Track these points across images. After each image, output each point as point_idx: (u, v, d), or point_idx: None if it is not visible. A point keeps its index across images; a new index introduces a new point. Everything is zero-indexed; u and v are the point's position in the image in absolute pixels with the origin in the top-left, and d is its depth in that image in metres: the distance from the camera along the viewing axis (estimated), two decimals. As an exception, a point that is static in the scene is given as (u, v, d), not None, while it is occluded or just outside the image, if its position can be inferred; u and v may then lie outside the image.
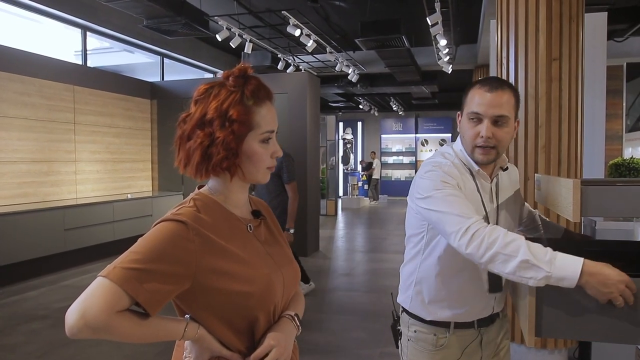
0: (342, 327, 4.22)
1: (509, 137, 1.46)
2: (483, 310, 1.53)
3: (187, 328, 1.02)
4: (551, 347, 3.02)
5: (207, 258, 1.01)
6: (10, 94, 5.95)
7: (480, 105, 1.43)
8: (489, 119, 1.43)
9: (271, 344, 1.06)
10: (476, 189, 1.50)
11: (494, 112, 1.42)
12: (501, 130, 1.44)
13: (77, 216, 6.31)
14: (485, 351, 1.59)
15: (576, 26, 2.96)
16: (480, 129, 1.44)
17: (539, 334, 1.24)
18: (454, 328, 1.52)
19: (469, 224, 1.28)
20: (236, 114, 1.04)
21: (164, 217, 1.02)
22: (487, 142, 1.43)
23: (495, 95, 1.42)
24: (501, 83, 1.46)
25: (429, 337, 1.54)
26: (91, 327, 0.88)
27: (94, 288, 0.91)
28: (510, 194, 1.62)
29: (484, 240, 1.24)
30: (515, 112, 1.47)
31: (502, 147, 1.47)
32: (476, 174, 1.51)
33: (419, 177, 1.51)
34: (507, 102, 1.43)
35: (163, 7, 5.72)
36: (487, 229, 1.26)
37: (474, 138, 1.46)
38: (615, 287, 1.14)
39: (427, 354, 1.54)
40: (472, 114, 1.45)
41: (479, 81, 1.49)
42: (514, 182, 1.67)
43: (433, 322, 1.54)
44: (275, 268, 1.13)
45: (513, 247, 1.20)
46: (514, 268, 1.20)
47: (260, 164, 1.10)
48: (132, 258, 0.94)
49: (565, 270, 1.16)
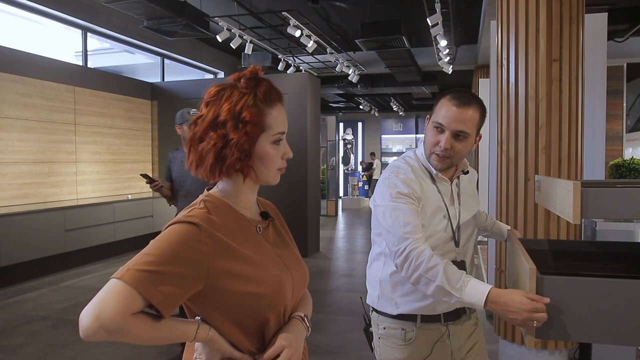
0: (342, 328, 4.22)
1: (466, 150, 1.57)
2: (449, 304, 1.55)
3: (199, 330, 1.02)
4: (552, 348, 3.02)
5: (219, 260, 1.01)
6: (11, 95, 5.96)
7: (445, 118, 1.52)
8: (450, 132, 1.52)
9: (283, 345, 1.07)
10: (437, 191, 1.60)
11: (456, 127, 1.51)
12: (460, 144, 1.54)
13: (77, 217, 6.31)
14: (455, 346, 1.64)
15: (576, 27, 2.96)
16: (440, 139, 1.54)
17: (539, 335, 1.24)
18: (421, 322, 1.59)
19: (405, 245, 1.41)
20: (249, 115, 1.05)
21: (175, 219, 1.02)
22: (444, 153, 1.54)
23: (460, 111, 1.51)
24: (469, 100, 1.54)
25: (397, 332, 1.60)
26: (106, 329, 0.88)
27: (108, 290, 0.90)
28: (471, 196, 1.72)
29: (412, 263, 1.39)
30: (478, 128, 1.57)
31: (457, 159, 1.57)
32: (435, 177, 1.61)
33: (380, 182, 1.61)
34: (471, 119, 1.52)
35: (163, 8, 5.73)
36: (416, 252, 1.39)
37: (434, 145, 1.56)
38: (519, 315, 1.21)
39: (397, 350, 1.60)
40: (436, 123, 1.55)
41: (451, 92, 1.56)
42: (472, 185, 1.77)
43: (400, 316, 1.60)
44: (284, 269, 1.14)
45: (433, 272, 1.35)
46: (433, 291, 1.36)
47: (272, 165, 1.11)
48: (146, 260, 0.93)
49: (472, 297, 1.30)
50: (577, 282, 1.21)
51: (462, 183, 1.70)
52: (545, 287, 1.21)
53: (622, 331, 1.20)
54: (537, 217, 2.99)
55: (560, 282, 1.22)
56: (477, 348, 1.71)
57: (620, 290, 1.19)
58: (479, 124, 1.56)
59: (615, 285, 1.20)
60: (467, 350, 1.68)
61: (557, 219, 2.97)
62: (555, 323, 1.22)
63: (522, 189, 3.03)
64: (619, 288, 1.19)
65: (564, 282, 1.21)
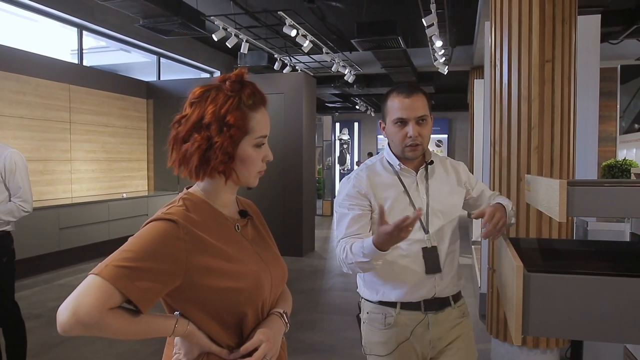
0: (336, 327, 4.24)
1: (429, 133, 1.70)
2: (426, 291, 1.67)
3: (177, 324, 1.03)
4: (543, 347, 3.04)
5: (197, 256, 1.03)
6: (5, 93, 5.94)
7: (403, 111, 1.65)
8: (414, 120, 1.65)
9: (260, 339, 1.09)
10: (399, 182, 1.72)
11: (416, 113, 1.65)
12: (424, 129, 1.67)
13: (72, 215, 6.30)
14: (435, 335, 1.69)
15: (569, 28, 2.98)
16: (407, 131, 1.65)
17: (526, 332, 1.26)
18: (401, 308, 1.68)
19: (338, 240, 1.66)
20: (233, 119, 1.06)
21: (154, 217, 1.04)
22: (415, 141, 1.65)
23: (413, 99, 1.65)
24: (414, 88, 1.69)
25: (378, 317, 1.71)
26: (83, 324, 0.89)
27: (86, 285, 0.92)
28: (445, 185, 1.77)
29: (339, 254, 1.61)
30: (429, 111, 1.70)
31: (425, 143, 1.70)
32: (400, 172, 1.73)
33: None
34: (423, 104, 1.66)
35: (159, 6, 5.72)
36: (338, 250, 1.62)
37: (403, 139, 1.67)
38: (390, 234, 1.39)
39: (377, 333, 1.71)
40: (396, 119, 1.67)
41: (394, 89, 1.70)
42: (455, 176, 1.82)
43: (382, 303, 1.70)
44: (262, 265, 1.16)
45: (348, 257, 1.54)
46: (358, 268, 1.55)
47: (253, 168, 1.14)
48: (124, 256, 0.95)
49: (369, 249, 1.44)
50: (563, 279, 1.22)
51: (435, 174, 1.77)
52: (532, 284, 1.22)
53: (609, 328, 1.21)
54: (529, 216, 3.02)
55: (546, 280, 1.23)
56: (461, 341, 1.73)
57: (608, 287, 1.20)
58: (429, 106, 1.70)
59: (602, 282, 1.21)
60: (450, 342, 1.71)
61: (548, 219, 2.99)
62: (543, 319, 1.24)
63: (514, 189, 3.05)
64: (606, 286, 1.21)
65: (551, 280, 1.23)
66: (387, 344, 1.69)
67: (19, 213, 2.84)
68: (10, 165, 2.84)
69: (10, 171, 2.84)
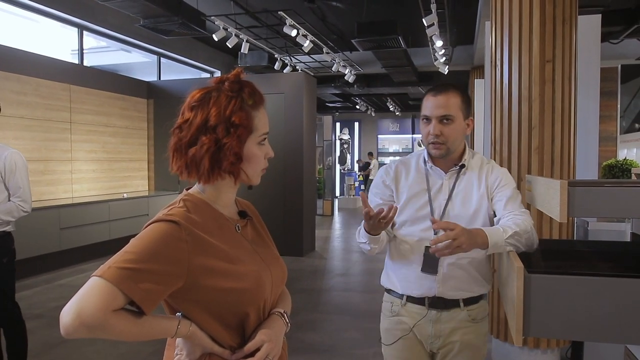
0: (336, 327, 4.24)
1: (456, 133, 1.67)
2: (425, 289, 1.70)
3: (180, 325, 1.03)
4: (544, 347, 3.04)
5: (199, 257, 1.03)
6: (6, 93, 5.94)
7: (428, 109, 1.68)
8: (435, 119, 1.66)
9: (263, 339, 1.09)
10: (424, 180, 1.74)
11: (439, 112, 1.65)
12: (447, 128, 1.65)
13: (72, 215, 6.30)
14: (436, 333, 1.70)
15: (569, 28, 2.98)
16: (430, 129, 1.67)
17: (527, 333, 1.26)
18: (407, 301, 1.74)
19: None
20: (239, 119, 1.07)
21: (156, 218, 1.04)
22: (436, 139, 1.66)
23: (439, 98, 1.66)
24: (446, 87, 1.69)
25: (387, 305, 1.81)
26: (87, 326, 0.89)
27: (89, 288, 0.92)
28: (472, 191, 1.70)
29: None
30: (463, 110, 1.68)
31: (451, 143, 1.67)
32: (428, 170, 1.75)
33: None
34: (451, 103, 1.65)
35: (160, 6, 5.73)
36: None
37: (427, 136, 1.69)
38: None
39: (385, 319, 1.82)
40: (423, 116, 1.71)
41: (431, 87, 1.73)
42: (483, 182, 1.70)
43: (391, 292, 1.80)
44: (263, 265, 1.16)
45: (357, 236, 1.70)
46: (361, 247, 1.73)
47: (258, 166, 1.15)
48: (127, 258, 0.95)
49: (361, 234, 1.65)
50: (564, 280, 1.23)
51: (464, 180, 1.71)
52: (532, 285, 1.22)
53: (610, 329, 1.22)
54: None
55: (547, 281, 1.23)
56: (463, 345, 1.69)
57: (608, 288, 1.21)
58: (462, 106, 1.67)
59: (603, 283, 1.21)
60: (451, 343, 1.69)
61: (549, 220, 2.99)
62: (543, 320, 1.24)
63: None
64: (607, 286, 1.21)
65: (551, 281, 1.23)
66: (391, 332, 1.77)
67: (18, 213, 2.85)
68: (10, 165, 2.85)
69: (10, 171, 2.84)
